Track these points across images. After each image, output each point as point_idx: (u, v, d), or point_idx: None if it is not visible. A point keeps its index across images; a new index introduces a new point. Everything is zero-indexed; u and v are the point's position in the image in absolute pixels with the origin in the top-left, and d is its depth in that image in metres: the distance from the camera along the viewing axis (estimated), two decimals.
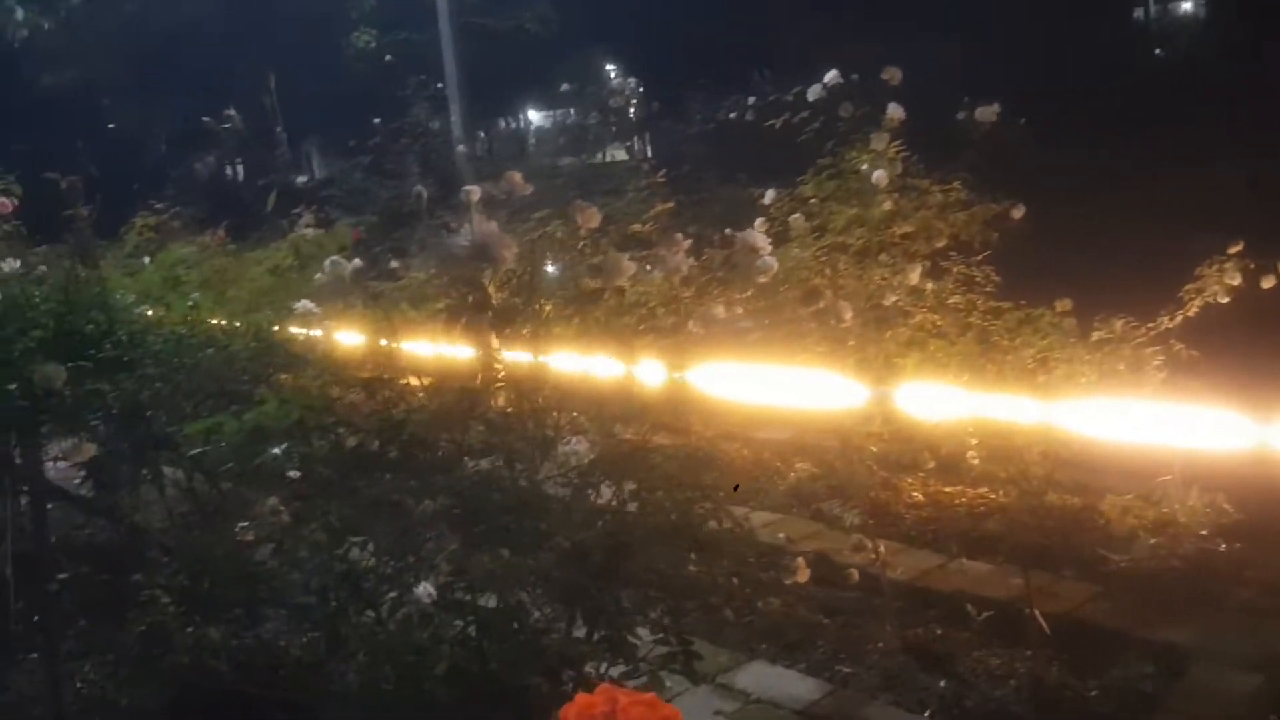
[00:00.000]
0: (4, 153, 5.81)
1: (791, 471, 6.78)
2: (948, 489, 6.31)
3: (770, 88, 6.40)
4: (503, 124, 17.09)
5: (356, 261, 2.48)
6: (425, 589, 2.13)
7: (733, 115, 8.40)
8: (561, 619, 2.45)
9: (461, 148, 9.31)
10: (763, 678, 4.16)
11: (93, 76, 14.57)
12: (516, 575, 2.22)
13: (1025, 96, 6.78)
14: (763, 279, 3.12)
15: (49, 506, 6.15)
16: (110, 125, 14.35)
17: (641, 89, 8.72)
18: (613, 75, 14.89)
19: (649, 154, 12.72)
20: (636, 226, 7.94)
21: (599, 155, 11.75)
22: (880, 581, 4.74)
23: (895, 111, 6.26)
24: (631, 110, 11.23)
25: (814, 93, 6.46)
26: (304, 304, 4.10)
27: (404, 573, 2.22)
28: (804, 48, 7.83)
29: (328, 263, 2.44)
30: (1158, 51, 12.45)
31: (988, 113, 6.51)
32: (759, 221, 6.84)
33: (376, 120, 11.18)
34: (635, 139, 12.68)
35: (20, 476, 4.12)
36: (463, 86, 9.41)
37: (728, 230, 6.68)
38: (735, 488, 2.83)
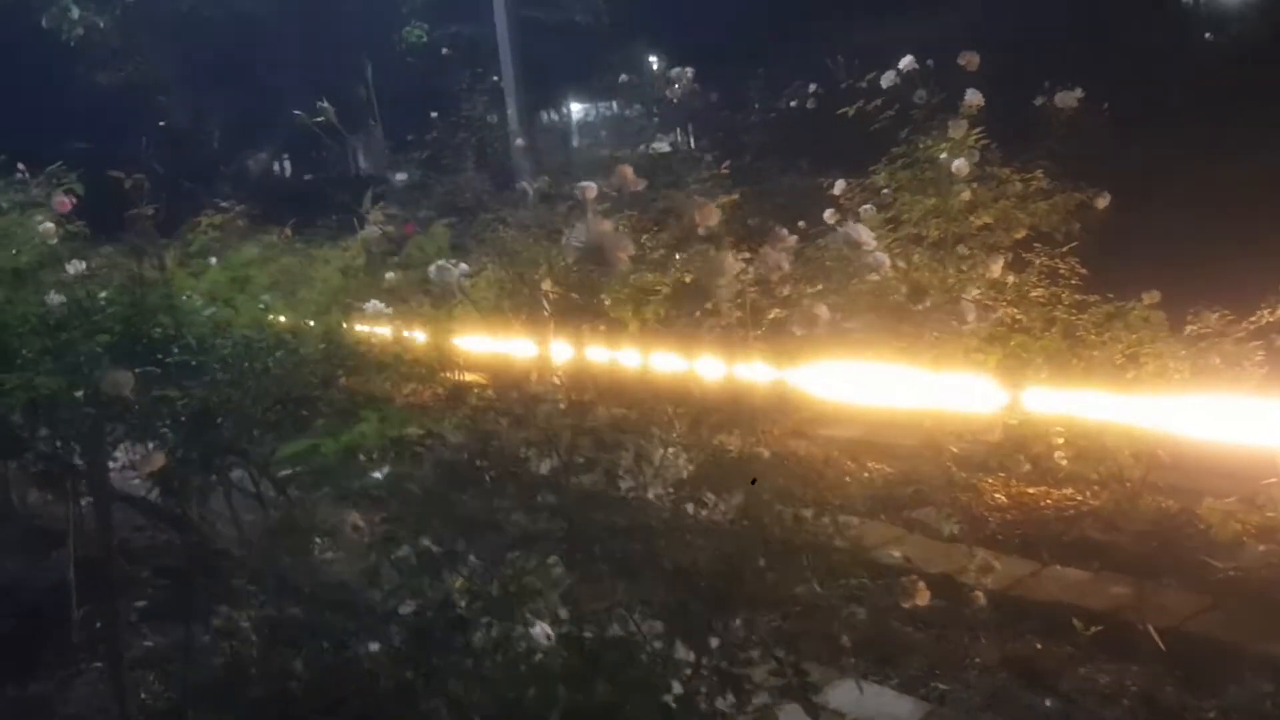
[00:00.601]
0: (61, 151, 5.70)
1: (865, 472, 6.56)
2: (1031, 490, 6.08)
3: (844, 74, 6.16)
4: (544, 117, 16.84)
5: (463, 266, 2.30)
6: (543, 629, 1.94)
7: (794, 104, 8.17)
8: (669, 649, 2.27)
9: (520, 141, 9.15)
10: (856, 696, 3.94)
11: (147, 74, 14.59)
12: (632, 605, 2.04)
13: (1102, 81, 6.48)
14: (875, 276, 2.91)
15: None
16: (161, 123, 14.35)
17: (691, 77, 8.48)
18: (654, 65, 14.68)
19: (692, 145, 12.49)
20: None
21: (640, 147, 11.57)
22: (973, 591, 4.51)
23: (974, 97, 6.03)
24: (675, 100, 11.09)
25: (887, 79, 6.25)
26: (374, 304, 3.96)
27: (507, 601, 2.05)
28: (874, 33, 7.59)
29: (433, 268, 2.26)
30: (1207, 35, 12.09)
31: (1068, 98, 6.26)
32: (828, 212, 6.66)
33: (434, 114, 11.05)
34: (678, 130, 12.46)
35: (84, 484, 4.00)
36: (519, 80, 9.26)
37: (801, 223, 6.48)
38: (753, 480, 2.56)
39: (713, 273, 2.54)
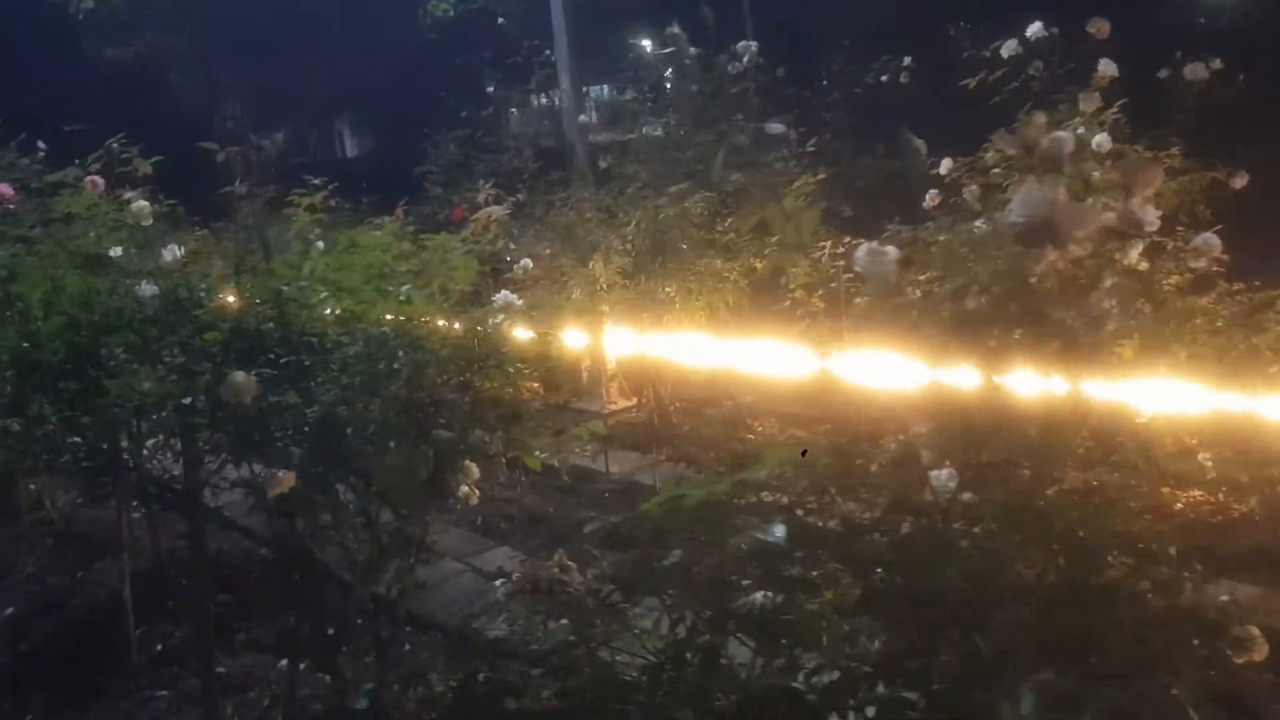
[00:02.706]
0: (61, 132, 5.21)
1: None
2: (1160, 492, 5.64)
3: (966, 43, 5.68)
4: (534, 101, 15.97)
5: (893, 250, 1.80)
6: None
7: (884, 78, 7.68)
8: None
9: (583, 117, 8.61)
10: None
11: (159, 50, 14.00)
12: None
13: (1240, 50, 6.00)
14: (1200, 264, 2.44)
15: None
16: (174, 99, 13.75)
17: (756, 51, 7.94)
18: (647, 47, 14.02)
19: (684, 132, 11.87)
20: (789, 203, 7.22)
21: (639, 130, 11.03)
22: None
23: (1107, 68, 5.55)
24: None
25: (1009, 49, 5.78)
26: (504, 295, 3.48)
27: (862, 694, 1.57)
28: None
29: (862, 250, 1.76)
30: None
31: (1198, 70, 5.81)
32: (931, 193, 6.19)
33: (490, 89, 10.48)
34: (670, 115, 11.91)
35: (178, 500, 3.51)
36: (575, 53, 8.73)
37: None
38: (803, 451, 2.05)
39: (1069, 222, 1.89)
